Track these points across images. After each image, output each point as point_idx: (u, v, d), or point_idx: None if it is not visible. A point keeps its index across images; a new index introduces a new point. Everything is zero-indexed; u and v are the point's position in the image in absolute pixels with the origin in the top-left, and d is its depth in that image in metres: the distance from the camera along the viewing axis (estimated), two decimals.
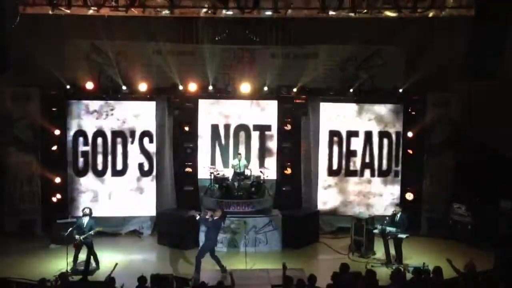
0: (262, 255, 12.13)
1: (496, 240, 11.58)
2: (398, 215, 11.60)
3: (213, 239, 10.96)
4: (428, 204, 14.05)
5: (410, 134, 14.06)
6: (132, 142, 13.95)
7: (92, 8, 10.32)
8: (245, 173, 13.49)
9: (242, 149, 14.15)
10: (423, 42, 13.01)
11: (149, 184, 14.05)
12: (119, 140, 13.91)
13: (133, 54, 13.68)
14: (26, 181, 13.40)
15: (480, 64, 8.90)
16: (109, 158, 13.90)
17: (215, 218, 10.96)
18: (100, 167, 13.88)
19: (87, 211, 11.17)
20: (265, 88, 13.80)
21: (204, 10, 10.76)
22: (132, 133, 13.95)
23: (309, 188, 14.30)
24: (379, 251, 12.16)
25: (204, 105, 14.26)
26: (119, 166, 13.94)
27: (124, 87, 13.52)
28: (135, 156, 13.98)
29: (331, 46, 13.76)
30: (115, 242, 13.01)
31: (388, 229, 11.58)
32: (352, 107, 14.27)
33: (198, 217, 11.30)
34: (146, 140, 13.99)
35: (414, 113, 14.14)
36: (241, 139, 14.37)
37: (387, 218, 11.94)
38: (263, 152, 14.44)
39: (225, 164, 14.21)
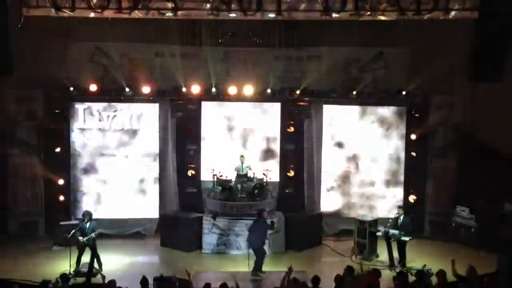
0: (265, 258, 12.11)
1: (499, 243, 11.53)
2: (401, 218, 11.59)
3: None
4: (431, 206, 14.04)
5: (413, 136, 14.05)
6: (134, 143, 13.97)
7: (96, 10, 10.33)
8: (248, 175, 13.48)
9: (245, 151, 14.15)
10: (426, 44, 12.98)
11: (152, 186, 14.06)
12: (122, 142, 13.93)
13: (137, 56, 13.71)
14: (29, 182, 13.44)
15: (483, 67, 8.90)
16: (112, 160, 13.91)
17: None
18: (102, 169, 13.90)
19: (87, 215, 11.17)
20: (268, 91, 13.81)
21: (208, 12, 10.77)
22: (135, 135, 13.97)
23: (312, 191, 14.28)
24: (382, 254, 12.13)
25: (207, 107, 14.29)
26: (122, 168, 13.94)
27: (127, 89, 13.54)
28: (137, 157, 13.99)
29: (334, 48, 13.75)
30: (118, 244, 13.01)
31: (391, 231, 11.56)
32: (355, 109, 14.26)
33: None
34: (149, 142, 14.01)
35: (417, 115, 14.13)
36: (244, 141, 14.38)
37: (390, 220, 11.93)
38: (266, 154, 14.44)
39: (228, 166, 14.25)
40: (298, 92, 13.84)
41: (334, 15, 10.64)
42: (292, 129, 14.31)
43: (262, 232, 11.33)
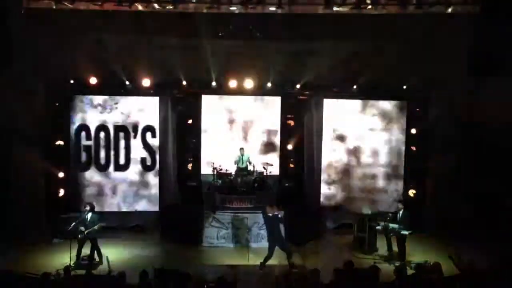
0: (265, 251, 12.10)
1: (499, 238, 11.55)
2: (401, 212, 11.60)
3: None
4: (431, 201, 14.04)
5: (413, 130, 14.05)
6: (135, 137, 14.00)
7: (96, 2, 10.32)
8: (248, 169, 13.50)
9: (245, 145, 14.15)
10: (428, 38, 12.94)
11: (153, 179, 14.09)
12: (122, 134, 13.96)
13: (137, 49, 13.65)
14: (30, 175, 13.42)
15: (484, 61, 8.89)
16: (113, 152, 13.95)
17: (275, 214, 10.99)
18: (103, 161, 13.94)
19: (88, 207, 11.20)
20: (269, 84, 13.79)
21: (208, 5, 10.76)
22: (135, 127, 13.98)
23: (312, 184, 14.31)
24: (382, 248, 12.16)
25: (207, 100, 14.27)
26: (122, 161, 13.98)
27: (127, 82, 13.53)
28: (138, 150, 14.01)
29: (335, 42, 13.69)
30: (118, 237, 13.03)
31: (391, 225, 11.58)
32: (356, 103, 14.26)
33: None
34: (149, 135, 14.02)
35: (418, 109, 14.13)
36: (244, 135, 14.39)
37: (390, 214, 11.95)
38: (267, 148, 14.45)
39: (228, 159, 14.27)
40: (298, 86, 13.83)
41: (335, 8, 10.63)
42: (292, 122, 14.32)
43: (271, 227, 11.09)
